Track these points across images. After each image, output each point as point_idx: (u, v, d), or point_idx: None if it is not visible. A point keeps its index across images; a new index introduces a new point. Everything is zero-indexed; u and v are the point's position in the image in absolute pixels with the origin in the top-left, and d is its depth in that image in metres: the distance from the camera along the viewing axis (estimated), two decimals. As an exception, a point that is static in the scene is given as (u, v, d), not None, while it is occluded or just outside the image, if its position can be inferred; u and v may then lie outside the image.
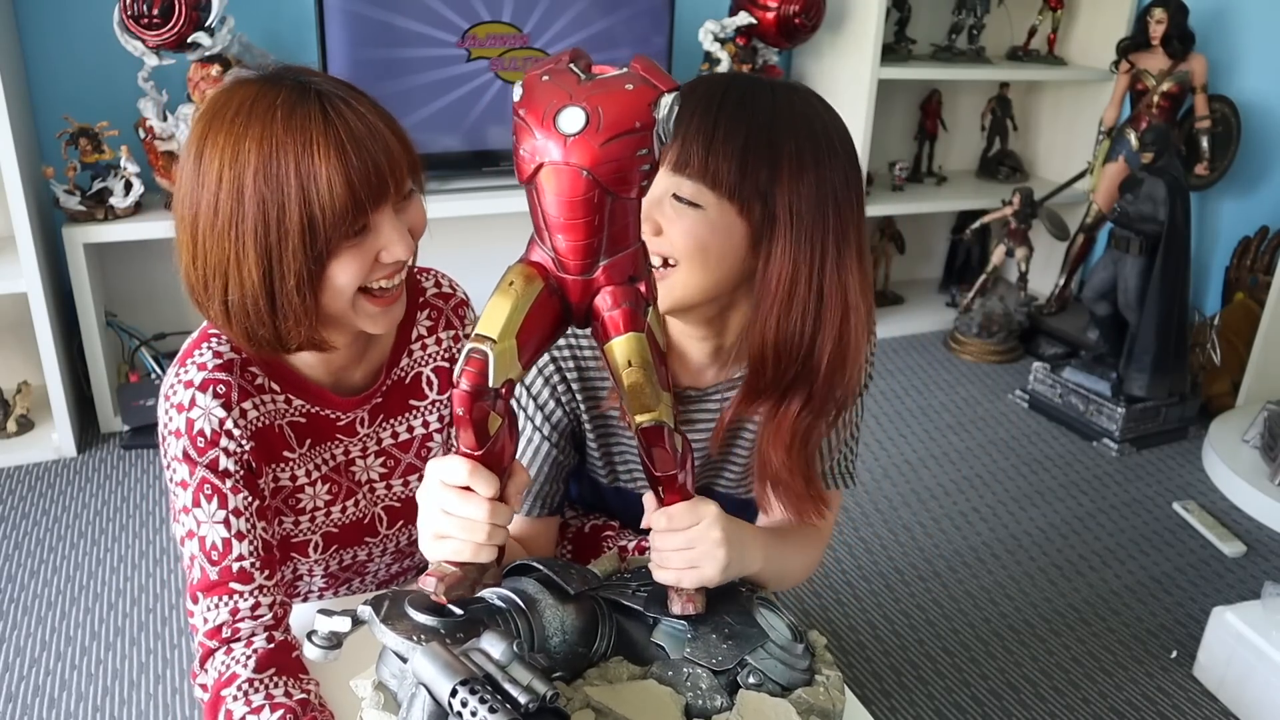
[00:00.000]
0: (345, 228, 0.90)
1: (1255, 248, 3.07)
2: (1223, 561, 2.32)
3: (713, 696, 0.85)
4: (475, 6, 2.67)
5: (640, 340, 0.76)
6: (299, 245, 0.90)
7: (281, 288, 0.91)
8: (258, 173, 0.88)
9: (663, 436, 0.81)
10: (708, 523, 0.87)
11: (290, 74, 0.94)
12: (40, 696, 1.75)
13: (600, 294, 0.75)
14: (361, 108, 0.92)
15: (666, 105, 0.69)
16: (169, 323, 2.70)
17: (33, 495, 2.34)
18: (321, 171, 0.88)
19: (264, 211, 0.89)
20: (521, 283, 0.73)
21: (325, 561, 1.15)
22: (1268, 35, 3.08)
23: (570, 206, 0.69)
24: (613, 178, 0.68)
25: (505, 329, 0.72)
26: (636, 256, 0.76)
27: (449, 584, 0.78)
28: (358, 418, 1.10)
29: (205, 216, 0.91)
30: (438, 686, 0.68)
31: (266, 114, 0.89)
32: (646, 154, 0.69)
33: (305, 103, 0.90)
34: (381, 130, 0.92)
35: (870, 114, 3.13)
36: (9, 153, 2.19)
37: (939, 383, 3.19)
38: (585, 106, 0.67)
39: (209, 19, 2.36)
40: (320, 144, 0.88)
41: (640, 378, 0.77)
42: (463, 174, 2.84)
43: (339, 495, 1.11)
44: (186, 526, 0.97)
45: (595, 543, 1.16)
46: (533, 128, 0.68)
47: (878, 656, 1.94)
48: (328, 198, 0.88)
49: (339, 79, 0.96)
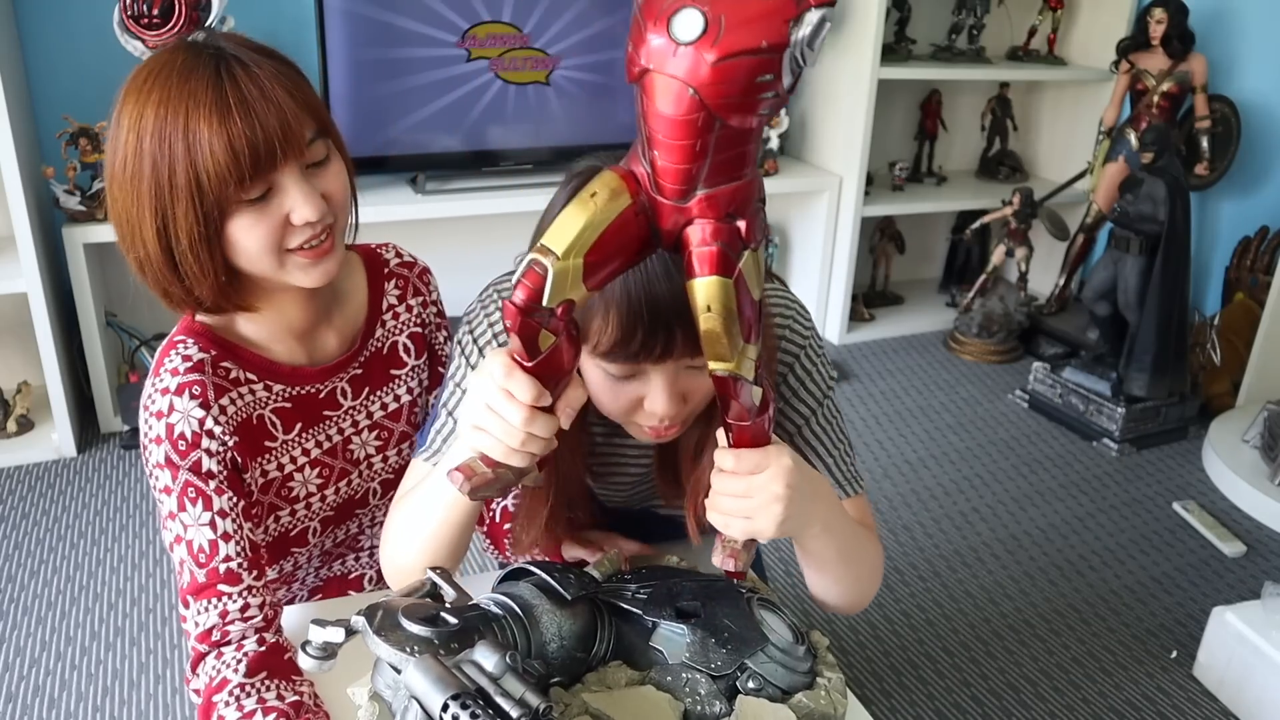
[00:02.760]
0: (234, 190, 0.91)
1: (1255, 248, 3.07)
2: (1223, 561, 2.31)
3: (711, 702, 0.84)
4: (475, 6, 2.67)
5: (726, 286, 0.67)
6: (188, 206, 0.91)
7: (176, 246, 0.94)
8: (154, 134, 0.91)
9: (731, 386, 0.74)
10: (771, 473, 0.80)
11: (205, 40, 0.97)
12: (40, 696, 1.76)
13: (694, 224, 0.66)
14: (260, 71, 0.93)
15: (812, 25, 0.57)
16: (169, 323, 2.68)
17: (33, 495, 2.34)
18: (204, 134, 0.89)
19: (156, 171, 0.91)
20: (606, 196, 0.65)
21: (322, 542, 1.17)
22: (1268, 35, 3.08)
23: (671, 124, 0.60)
24: (723, 101, 0.58)
25: (573, 245, 0.65)
26: (744, 190, 0.66)
27: (476, 484, 0.74)
28: (338, 388, 1.11)
29: (116, 175, 0.94)
30: (429, 700, 0.68)
31: (167, 78, 0.92)
32: (772, 79, 0.58)
33: (201, 66, 0.92)
34: (276, 94, 0.92)
35: (870, 114, 3.13)
36: (9, 153, 2.19)
37: (939, 383, 3.19)
38: (707, 11, 0.57)
39: (209, 19, 2.35)
40: (207, 106, 0.90)
41: (718, 325, 0.68)
42: (463, 174, 2.83)
43: (331, 478, 1.12)
44: (174, 532, 0.97)
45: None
46: (644, 24, 0.59)
47: (878, 656, 1.94)
48: (210, 161, 0.90)
49: (254, 43, 0.98)
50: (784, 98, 0.61)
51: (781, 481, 0.80)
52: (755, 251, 0.69)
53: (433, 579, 0.83)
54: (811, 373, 1.04)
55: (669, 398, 0.88)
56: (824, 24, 0.58)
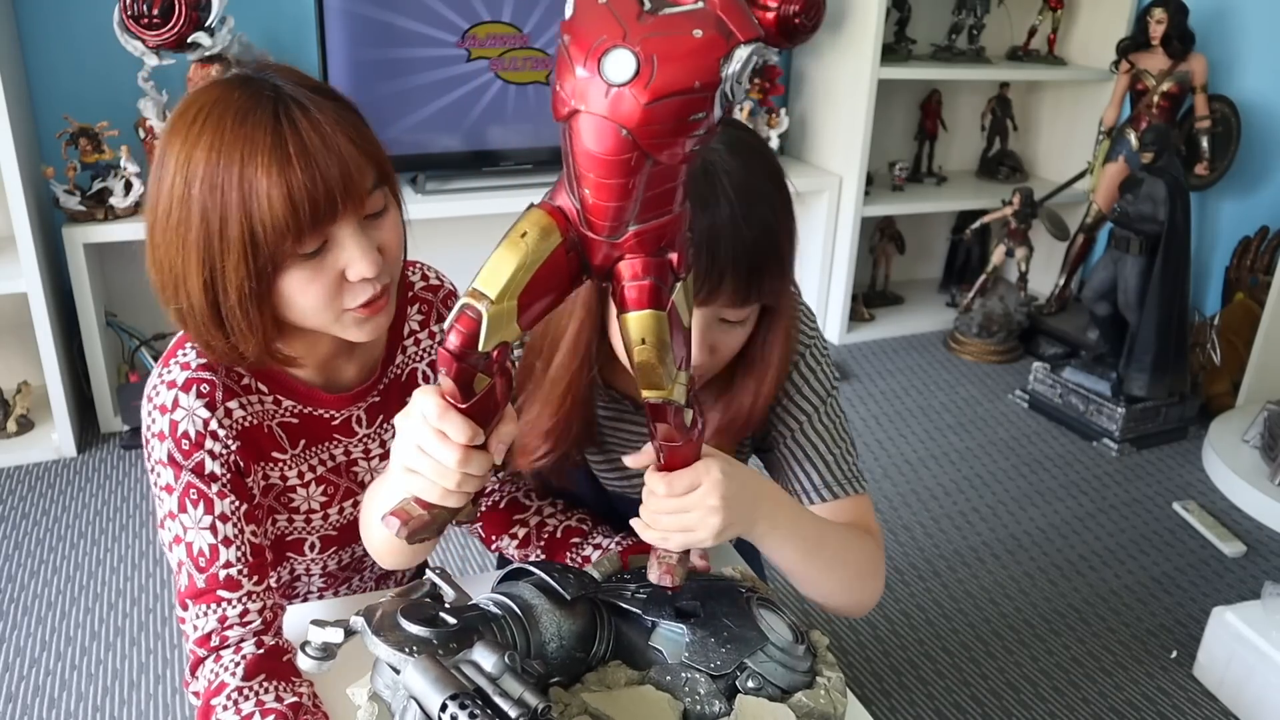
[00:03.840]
0: (289, 245, 0.85)
1: (1255, 248, 3.07)
2: (1223, 561, 2.31)
3: (711, 702, 0.84)
4: (475, 6, 2.67)
5: (659, 319, 0.68)
6: (239, 259, 0.85)
7: (225, 301, 0.88)
8: (204, 180, 0.84)
9: (667, 413, 0.75)
10: (704, 489, 0.82)
11: (261, 75, 0.89)
12: (40, 696, 1.76)
13: (625, 260, 0.66)
14: (322, 116, 0.87)
15: (740, 60, 0.58)
16: (169, 323, 2.68)
17: (33, 495, 2.34)
18: (262, 185, 0.83)
19: (206, 221, 0.85)
20: (536, 235, 0.65)
21: (323, 561, 1.14)
22: (1268, 35, 3.08)
23: (602, 165, 0.60)
24: (657, 141, 0.58)
25: (506, 288, 0.64)
26: (674, 224, 0.66)
27: (413, 528, 0.73)
28: (353, 416, 1.08)
29: (160, 220, 0.88)
30: (428, 701, 0.68)
31: (221, 119, 0.85)
32: (702, 118, 0.59)
33: (258, 109, 0.85)
34: (338, 143, 0.86)
35: (870, 114, 3.13)
36: (9, 153, 2.19)
37: (939, 383, 3.19)
38: (638, 51, 0.56)
39: (209, 19, 2.36)
40: (264, 155, 0.84)
41: (652, 357, 0.69)
42: (463, 174, 2.84)
43: (335, 496, 1.10)
44: (173, 532, 0.96)
45: (565, 547, 1.14)
46: (574, 63, 0.58)
47: (878, 656, 1.94)
48: (267, 213, 0.83)
49: (312, 80, 0.91)
50: (713, 131, 0.61)
51: (716, 494, 0.82)
52: (685, 281, 0.70)
53: (432, 579, 0.83)
54: (815, 371, 1.06)
55: (701, 346, 0.90)
56: (752, 59, 0.58)
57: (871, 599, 1.04)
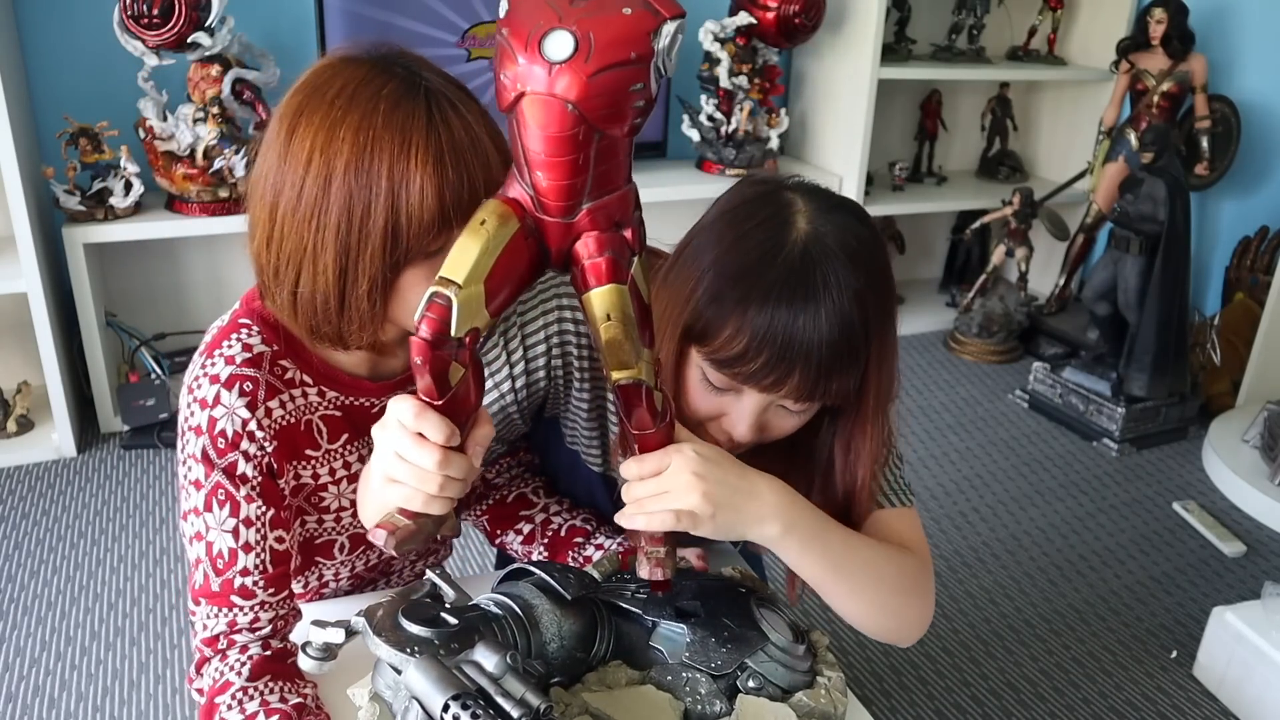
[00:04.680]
0: (429, 241, 0.85)
1: (1255, 248, 3.07)
2: (1223, 561, 2.32)
3: (712, 702, 0.84)
4: (475, 6, 2.67)
5: (621, 292, 0.70)
6: (379, 249, 0.85)
7: (353, 290, 0.87)
8: (349, 165, 0.83)
9: (641, 395, 0.76)
10: (677, 462, 0.80)
11: (402, 62, 0.88)
12: (40, 696, 1.76)
13: (582, 239, 0.68)
14: (470, 115, 0.86)
15: (668, 35, 0.61)
16: (169, 323, 2.70)
17: (33, 495, 2.34)
18: (415, 178, 0.83)
19: (349, 208, 0.84)
20: (495, 222, 0.67)
21: (352, 563, 1.13)
22: (1268, 35, 3.08)
23: (552, 143, 0.62)
24: (602, 113, 0.61)
25: (472, 273, 0.66)
26: (625, 200, 0.69)
27: (400, 538, 0.73)
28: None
29: (288, 199, 0.86)
30: (430, 701, 0.68)
31: (369, 103, 0.83)
32: (642, 89, 0.62)
33: (411, 99, 0.84)
34: (485, 143, 0.86)
35: (870, 114, 3.13)
36: (9, 153, 2.19)
37: (939, 383, 3.19)
38: (575, 31, 0.59)
39: (209, 19, 2.36)
40: (419, 148, 0.83)
41: (619, 333, 0.71)
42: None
43: None
44: (195, 528, 0.95)
45: (568, 546, 1.14)
46: (515, 51, 0.61)
47: (878, 656, 1.94)
48: (417, 207, 0.83)
49: (450, 77, 0.89)
50: (652, 104, 0.64)
51: (689, 468, 0.80)
52: (641, 257, 0.71)
53: (432, 579, 0.83)
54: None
55: (751, 426, 0.90)
56: (678, 34, 0.62)
57: (917, 623, 0.98)
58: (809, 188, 0.91)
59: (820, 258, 0.84)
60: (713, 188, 3.06)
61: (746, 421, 0.89)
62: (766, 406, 0.90)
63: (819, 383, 0.86)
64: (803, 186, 0.91)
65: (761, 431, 0.92)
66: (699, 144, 3.13)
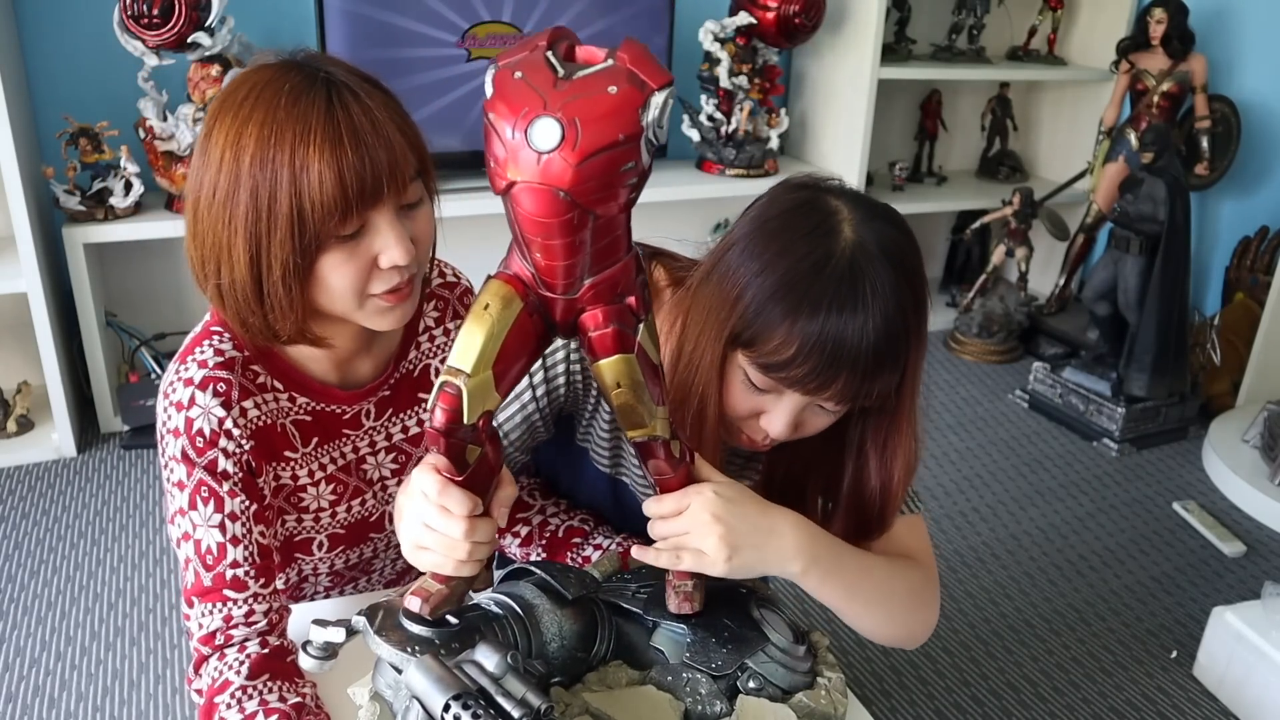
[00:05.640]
0: (334, 225, 0.88)
1: (1255, 248, 3.07)
2: (1223, 561, 2.32)
3: (712, 702, 0.84)
4: (475, 6, 2.67)
5: (629, 362, 0.71)
6: (286, 236, 0.87)
7: (268, 277, 0.90)
8: (255, 157, 0.86)
9: (656, 450, 0.79)
10: (697, 504, 0.84)
11: (309, 61, 0.92)
12: (40, 696, 1.75)
13: (587, 312, 0.70)
14: (371, 102, 0.89)
15: (658, 106, 0.61)
16: (169, 323, 2.70)
17: (33, 495, 2.34)
18: (314, 164, 0.86)
19: (255, 198, 0.87)
20: (498, 306, 0.67)
21: (330, 560, 1.14)
22: (1268, 35, 3.08)
23: (546, 229, 0.63)
24: (594, 196, 0.61)
25: (480, 361, 0.67)
26: (626, 269, 0.69)
27: (434, 604, 0.76)
28: (363, 410, 1.09)
29: (205, 197, 0.90)
30: (430, 701, 0.68)
31: (272, 99, 0.87)
32: (633, 167, 0.62)
33: (311, 90, 0.88)
34: (387, 128, 0.89)
35: (870, 114, 3.13)
36: (9, 153, 2.19)
37: (939, 383, 3.19)
38: (560, 118, 0.59)
39: (209, 19, 2.36)
40: (317, 135, 0.86)
41: (630, 399, 0.73)
42: (463, 174, 2.83)
43: (344, 495, 1.10)
44: (182, 529, 0.96)
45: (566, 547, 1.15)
46: (503, 138, 0.61)
47: (878, 657, 1.94)
48: (318, 192, 0.86)
49: (360, 70, 0.93)
50: (646, 175, 0.64)
51: (708, 509, 0.84)
52: (647, 321, 0.73)
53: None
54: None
55: (788, 424, 0.92)
56: (669, 100, 0.61)
57: (922, 631, 1.03)
58: (850, 194, 0.92)
59: (867, 267, 0.86)
60: (712, 188, 3.06)
61: (784, 420, 0.91)
62: (805, 406, 0.91)
63: (862, 386, 0.87)
64: (844, 192, 0.92)
65: (796, 429, 0.94)
66: (699, 144, 3.13)
